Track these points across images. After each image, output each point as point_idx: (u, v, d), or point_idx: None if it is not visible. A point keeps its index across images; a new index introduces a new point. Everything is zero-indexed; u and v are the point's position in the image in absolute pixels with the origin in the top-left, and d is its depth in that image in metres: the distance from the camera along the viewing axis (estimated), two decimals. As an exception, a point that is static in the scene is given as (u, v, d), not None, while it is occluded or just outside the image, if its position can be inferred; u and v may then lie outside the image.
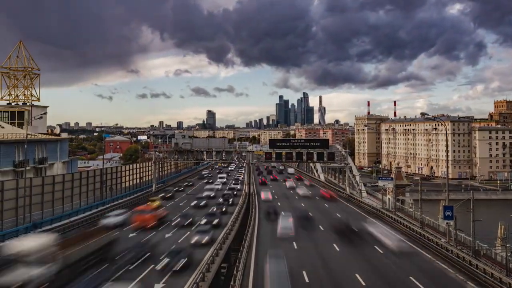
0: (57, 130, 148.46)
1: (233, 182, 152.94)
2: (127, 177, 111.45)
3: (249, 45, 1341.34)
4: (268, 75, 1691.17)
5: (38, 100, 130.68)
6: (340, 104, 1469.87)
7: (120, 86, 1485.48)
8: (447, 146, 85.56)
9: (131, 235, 65.82)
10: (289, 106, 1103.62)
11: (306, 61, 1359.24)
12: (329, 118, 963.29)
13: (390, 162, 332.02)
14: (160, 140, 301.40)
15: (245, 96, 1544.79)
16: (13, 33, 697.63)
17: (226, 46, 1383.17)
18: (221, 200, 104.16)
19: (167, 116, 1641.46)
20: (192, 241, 58.62)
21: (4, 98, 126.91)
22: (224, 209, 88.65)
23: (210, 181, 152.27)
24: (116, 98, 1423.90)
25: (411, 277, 46.14)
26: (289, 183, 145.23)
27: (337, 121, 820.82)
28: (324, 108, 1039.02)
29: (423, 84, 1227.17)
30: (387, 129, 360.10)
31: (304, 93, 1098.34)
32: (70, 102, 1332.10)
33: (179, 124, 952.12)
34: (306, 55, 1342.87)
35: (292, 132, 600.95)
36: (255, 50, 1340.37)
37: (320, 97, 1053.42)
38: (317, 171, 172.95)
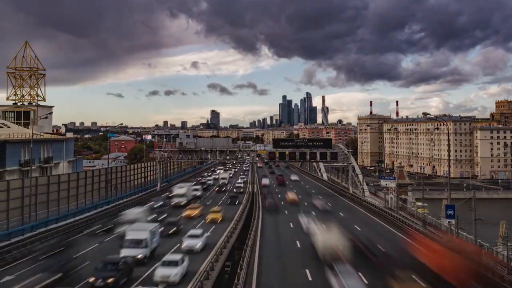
0: (63, 130, 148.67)
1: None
2: (132, 177, 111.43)
3: (285, 32, 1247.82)
4: (293, 70, 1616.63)
5: (44, 100, 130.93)
6: (358, 103, 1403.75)
7: (134, 83, 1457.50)
8: (448, 145, 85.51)
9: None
10: (292, 106, 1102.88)
11: (343, 52, 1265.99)
12: (342, 117, 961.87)
13: (393, 162, 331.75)
14: (164, 139, 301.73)
15: (264, 93, 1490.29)
16: (23, 17, 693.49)
17: (259, 33, 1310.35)
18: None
19: (172, 115, 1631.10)
20: None
21: (10, 98, 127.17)
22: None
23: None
24: (128, 96, 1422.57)
25: (413, 276, 46.05)
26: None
27: (340, 121, 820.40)
28: (327, 108, 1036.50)
29: (456, 81, 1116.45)
30: (390, 129, 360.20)
31: (307, 93, 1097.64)
32: (78, 100, 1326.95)
33: (184, 123, 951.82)
34: (345, 46, 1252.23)
35: (295, 132, 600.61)
36: (290, 39, 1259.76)
37: (323, 97, 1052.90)
38: (320, 170, 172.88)
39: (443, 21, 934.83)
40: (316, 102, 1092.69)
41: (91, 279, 39.17)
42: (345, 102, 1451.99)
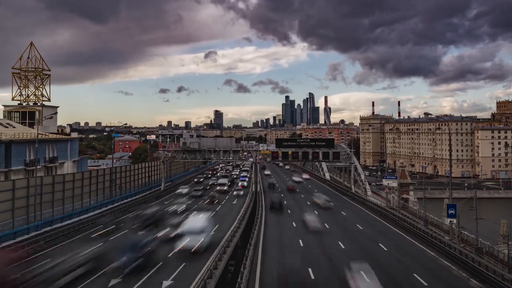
0: (67, 130, 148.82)
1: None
2: (136, 176, 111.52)
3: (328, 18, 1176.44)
4: (319, 65, 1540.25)
5: (49, 100, 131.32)
6: (381, 102, 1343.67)
7: (147, 82, 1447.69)
8: (450, 145, 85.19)
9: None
10: (295, 106, 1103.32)
11: (382, 43, 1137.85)
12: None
13: (394, 161, 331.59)
14: (168, 139, 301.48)
15: (285, 90, 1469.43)
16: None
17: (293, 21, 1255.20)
18: None
19: (178, 116, 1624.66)
20: None
21: (15, 98, 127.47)
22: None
23: None
24: (138, 94, 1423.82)
25: (415, 274, 46.08)
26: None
27: (342, 121, 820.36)
28: (330, 108, 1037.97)
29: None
30: (391, 129, 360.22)
31: (310, 93, 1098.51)
32: (85, 99, 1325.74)
33: (187, 124, 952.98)
34: (385, 36, 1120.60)
35: (298, 132, 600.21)
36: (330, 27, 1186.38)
37: (326, 97, 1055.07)
38: (322, 169, 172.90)
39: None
40: (320, 102, 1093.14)
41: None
42: (364, 101, 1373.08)
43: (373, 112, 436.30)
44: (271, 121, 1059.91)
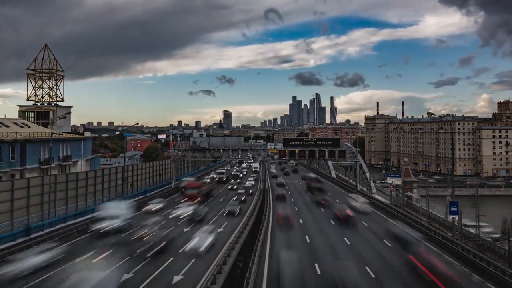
0: (81, 130, 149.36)
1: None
2: (147, 174, 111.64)
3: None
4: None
5: (63, 100, 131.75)
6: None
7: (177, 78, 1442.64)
8: (452, 144, 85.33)
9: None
10: (302, 107, 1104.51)
11: None
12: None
13: (399, 160, 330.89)
14: (179, 138, 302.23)
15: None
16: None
17: None
18: None
19: (190, 116, 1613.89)
20: None
21: (30, 99, 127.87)
22: None
23: None
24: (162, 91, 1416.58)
25: (418, 270, 45.95)
26: None
27: (347, 121, 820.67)
28: (336, 108, 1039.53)
29: None
30: (395, 128, 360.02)
31: (316, 94, 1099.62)
32: (96, 97, 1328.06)
33: (197, 123, 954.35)
34: None
35: (305, 132, 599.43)
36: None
37: (332, 98, 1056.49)
38: (328, 168, 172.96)
39: None
40: (325, 103, 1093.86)
41: None
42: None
43: (377, 112, 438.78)
44: (279, 121, 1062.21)
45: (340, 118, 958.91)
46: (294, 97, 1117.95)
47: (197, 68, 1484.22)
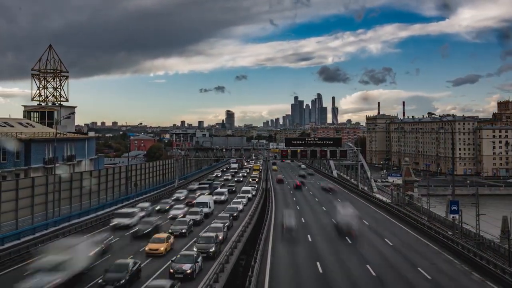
0: (85, 130, 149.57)
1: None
2: (151, 174, 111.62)
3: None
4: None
5: (67, 100, 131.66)
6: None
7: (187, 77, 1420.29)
8: (452, 144, 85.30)
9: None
10: (304, 107, 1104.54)
11: None
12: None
13: (399, 159, 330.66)
14: (182, 138, 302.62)
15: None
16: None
17: None
18: None
19: (194, 115, 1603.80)
20: None
21: (35, 99, 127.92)
22: None
23: None
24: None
25: (419, 268, 46.06)
26: None
27: (349, 121, 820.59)
28: (337, 108, 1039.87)
29: None
30: (396, 128, 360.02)
31: (318, 94, 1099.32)
32: (101, 96, 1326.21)
33: (200, 123, 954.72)
34: None
35: (307, 132, 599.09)
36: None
37: (333, 98, 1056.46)
38: (330, 167, 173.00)
39: None
40: (327, 103, 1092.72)
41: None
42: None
43: (378, 112, 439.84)
44: (281, 121, 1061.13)
45: (346, 118, 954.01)
46: (296, 97, 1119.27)
47: (209, 66, 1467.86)
